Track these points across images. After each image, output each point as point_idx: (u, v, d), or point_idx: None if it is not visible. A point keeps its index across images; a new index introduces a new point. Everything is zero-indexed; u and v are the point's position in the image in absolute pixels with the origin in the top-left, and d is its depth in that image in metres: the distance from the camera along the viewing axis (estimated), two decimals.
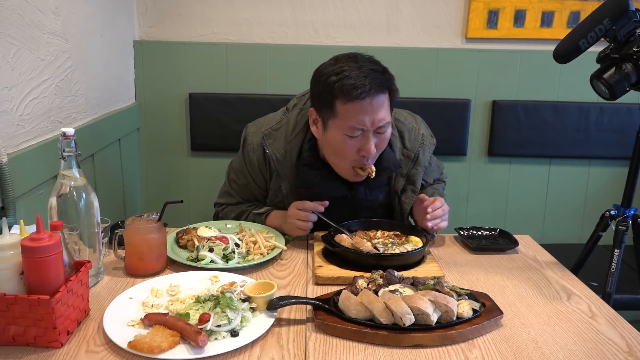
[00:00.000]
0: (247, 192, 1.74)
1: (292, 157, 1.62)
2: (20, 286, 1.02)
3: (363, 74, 1.43)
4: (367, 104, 1.43)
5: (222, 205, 1.79)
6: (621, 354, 1.04)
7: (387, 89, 1.47)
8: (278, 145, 1.63)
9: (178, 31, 2.43)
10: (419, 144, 1.67)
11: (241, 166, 1.72)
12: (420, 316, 1.07)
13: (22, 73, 1.46)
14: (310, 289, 1.30)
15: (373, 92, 1.43)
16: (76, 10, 1.79)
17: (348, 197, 1.64)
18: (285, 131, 1.64)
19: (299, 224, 1.53)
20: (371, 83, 1.42)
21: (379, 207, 1.70)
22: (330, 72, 1.46)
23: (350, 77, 1.42)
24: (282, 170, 1.63)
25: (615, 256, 1.54)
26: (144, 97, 2.47)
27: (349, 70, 1.44)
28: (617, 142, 2.53)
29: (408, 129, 1.69)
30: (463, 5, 2.44)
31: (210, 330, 1.03)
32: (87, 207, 1.22)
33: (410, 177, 1.67)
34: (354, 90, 1.41)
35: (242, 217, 1.71)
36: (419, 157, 1.67)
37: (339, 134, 1.48)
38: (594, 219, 1.67)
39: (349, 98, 1.42)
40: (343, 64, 1.47)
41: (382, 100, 1.46)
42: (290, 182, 1.64)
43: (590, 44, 1.33)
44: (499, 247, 1.58)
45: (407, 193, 1.68)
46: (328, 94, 1.46)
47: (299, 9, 2.43)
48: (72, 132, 1.18)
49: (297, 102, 1.70)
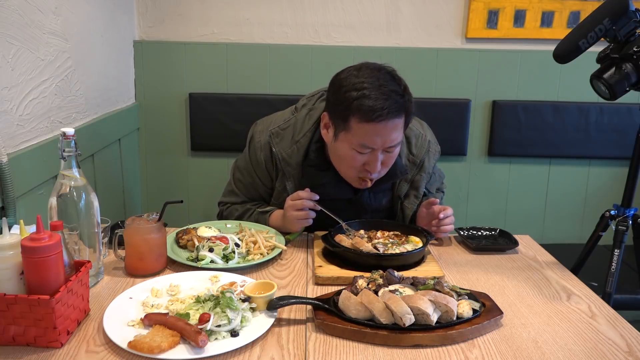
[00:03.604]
0: (252, 191, 1.74)
1: (298, 158, 1.62)
2: (20, 286, 1.02)
3: (384, 96, 1.40)
4: (381, 127, 1.42)
5: (227, 204, 1.78)
6: (621, 354, 1.04)
7: (404, 111, 1.46)
8: (285, 145, 1.63)
9: (178, 31, 2.43)
10: (424, 150, 1.69)
11: (247, 164, 1.71)
12: (420, 316, 1.07)
13: (22, 73, 1.46)
14: (310, 289, 1.30)
15: (390, 116, 1.41)
16: (76, 10, 1.79)
17: (353, 200, 1.65)
18: (293, 131, 1.64)
19: (297, 214, 1.52)
20: (389, 107, 1.40)
21: (382, 211, 1.71)
22: (351, 86, 1.43)
23: (370, 98, 1.40)
24: (287, 170, 1.63)
25: (615, 256, 1.54)
26: (144, 97, 2.47)
27: (369, 89, 1.41)
28: (617, 142, 2.53)
29: (415, 135, 1.69)
30: (463, 5, 2.44)
31: (210, 330, 1.03)
32: (87, 207, 1.22)
33: (414, 183, 1.69)
34: (371, 112, 1.40)
35: (246, 215, 1.71)
36: (424, 163, 1.68)
37: (348, 148, 1.48)
38: (594, 219, 1.67)
39: (366, 119, 1.41)
40: (365, 79, 1.43)
41: (397, 123, 1.45)
42: (295, 182, 1.63)
43: (590, 44, 1.33)
44: (499, 247, 1.58)
45: (410, 198, 1.69)
46: (345, 109, 1.44)
47: (299, 9, 2.43)
48: (72, 132, 1.18)
49: (306, 102, 1.70)
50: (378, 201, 1.69)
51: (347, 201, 1.65)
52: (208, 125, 2.47)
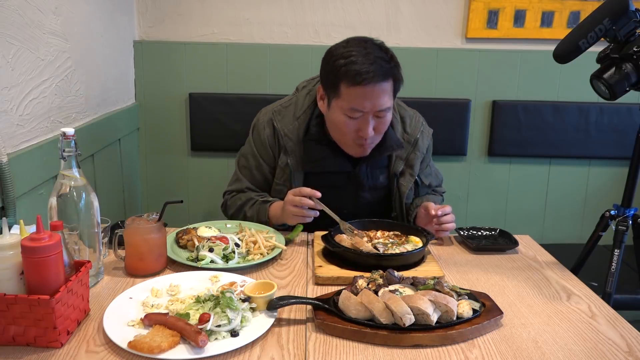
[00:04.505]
0: (256, 174, 1.78)
1: (299, 133, 1.70)
2: (20, 286, 1.02)
3: (369, 61, 1.49)
4: (369, 90, 1.50)
5: (232, 192, 1.82)
6: (621, 354, 1.04)
7: (391, 77, 1.54)
8: (287, 122, 1.71)
9: (178, 31, 2.43)
10: (419, 130, 1.76)
11: (250, 148, 1.78)
12: (420, 316, 1.07)
13: (22, 73, 1.46)
14: (310, 289, 1.30)
15: (376, 79, 1.49)
16: (76, 10, 1.79)
17: (351, 175, 1.70)
18: (294, 109, 1.73)
19: (293, 210, 1.53)
20: (375, 71, 1.48)
21: (379, 189, 1.76)
22: (339, 54, 1.53)
23: (356, 63, 1.49)
24: (289, 145, 1.70)
25: (615, 256, 1.54)
26: (144, 97, 2.47)
27: (356, 56, 1.50)
28: (617, 142, 2.53)
29: (409, 115, 1.78)
30: (463, 5, 2.44)
31: (210, 330, 1.03)
32: (87, 207, 1.22)
33: (409, 161, 1.75)
34: (357, 76, 1.48)
35: (248, 204, 1.74)
36: (418, 142, 1.75)
37: (340, 114, 1.56)
38: (594, 219, 1.67)
39: (353, 83, 1.50)
40: (352, 48, 1.52)
41: (384, 87, 1.52)
42: (297, 157, 1.70)
43: (590, 44, 1.33)
44: (499, 247, 1.58)
45: (406, 177, 1.75)
46: (334, 76, 1.53)
47: (299, 9, 2.43)
48: (72, 132, 1.18)
49: (306, 84, 1.80)
50: (375, 177, 1.74)
51: (347, 175, 1.70)
52: (208, 125, 2.47)
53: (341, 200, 1.63)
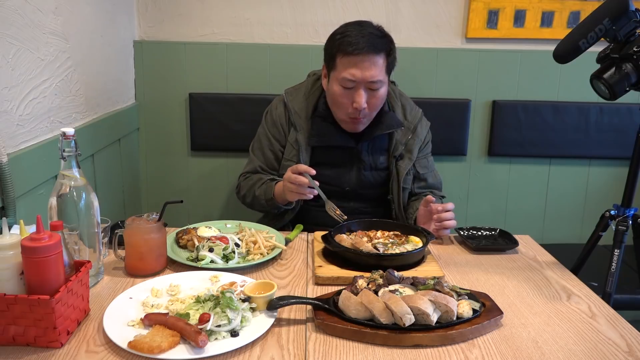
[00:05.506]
0: (268, 154, 1.90)
1: (308, 111, 1.85)
2: (20, 286, 1.02)
3: (362, 35, 1.65)
4: (359, 59, 1.64)
5: (246, 174, 1.94)
6: (621, 354, 1.04)
7: (383, 51, 1.67)
8: (297, 101, 1.88)
9: (178, 31, 2.43)
10: (418, 119, 1.89)
11: (263, 129, 1.92)
12: (420, 316, 1.07)
13: (22, 73, 1.46)
14: (310, 289, 1.30)
15: (367, 50, 1.63)
16: (76, 10, 1.79)
17: (354, 152, 1.82)
18: (305, 90, 1.89)
19: (289, 186, 1.61)
20: (366, 42, 1.64)
21: (380, 169, 1.87)
22: (337, 32, 1.72)
23: (350, 36, 1.66)
24: (298, 122, 1.84)
25: (615, 256, 1.54)
26: (144, 97, 2.47)
27: (351, 32, 1.67)
28: (617, 142, 2.52)
29: (410, 105, 1.92)
30: (463, 5, 2.44)
31: (210, 330, 1.03)
32: (87, 207, 1.22)
33: (408, 146, 1.86)
34: (349, 46, 1.64)
35: (258, 184, 1.85)
36: (417, 129, 1.87)
37: (336, 85, 1.70)
38: (594, 219, 1.67)
39: (345, 53, 1.65)
40: (350, 27, 1.70)
41: (375, 59, 1.65)
42: (305, 133, 1.83)
43: (590, 44, 1.33)
44: (499, 247, 1.58)
45: (405, 160, 1.85)
46: (331, 50, 1.71)
47: (299, 9, 2.43)
48: (72, 132, 1.18)
49: (316, 72, 1.94)
50: (376, 157, 1.85)
51: (349, 152, 1.83)
52: (208, 125, 2.46)
53: (344, 177, 1.83)
